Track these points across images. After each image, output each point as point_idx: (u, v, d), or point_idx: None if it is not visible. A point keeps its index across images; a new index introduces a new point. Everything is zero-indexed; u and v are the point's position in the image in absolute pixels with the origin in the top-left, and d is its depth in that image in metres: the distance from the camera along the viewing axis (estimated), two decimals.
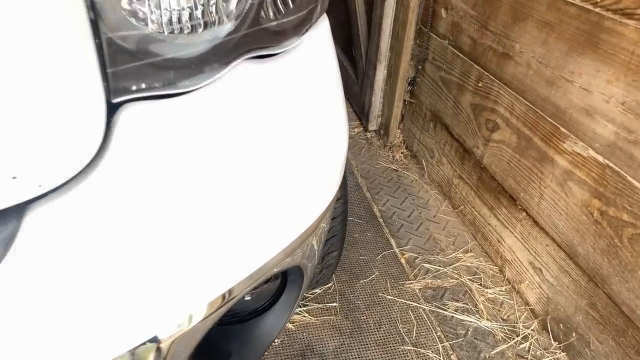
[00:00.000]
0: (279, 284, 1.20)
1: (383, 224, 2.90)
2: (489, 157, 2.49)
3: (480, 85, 2.50)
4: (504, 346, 2.15)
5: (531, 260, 2.25)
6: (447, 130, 2.88)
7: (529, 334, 2.22)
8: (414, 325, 2.20)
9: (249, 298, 1.20)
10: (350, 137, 3.68)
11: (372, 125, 3.54)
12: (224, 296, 0.77)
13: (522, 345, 2.17)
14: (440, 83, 2.88)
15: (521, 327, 2.25)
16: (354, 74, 3.70)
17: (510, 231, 2.37)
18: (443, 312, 2.30)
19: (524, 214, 2.26)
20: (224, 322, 1.18)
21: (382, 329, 2.16)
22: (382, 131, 3.53)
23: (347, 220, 2.85)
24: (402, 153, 3.41)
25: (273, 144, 0.80)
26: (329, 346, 2.07)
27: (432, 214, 2.97)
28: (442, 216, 2.86)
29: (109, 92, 0.55)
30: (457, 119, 2.76)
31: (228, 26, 0.65)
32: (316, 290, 2.27)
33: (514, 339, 2.19)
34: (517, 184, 2.28)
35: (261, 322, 1.20)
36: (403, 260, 2.57)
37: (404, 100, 3.30)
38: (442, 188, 3.02)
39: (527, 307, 2.33)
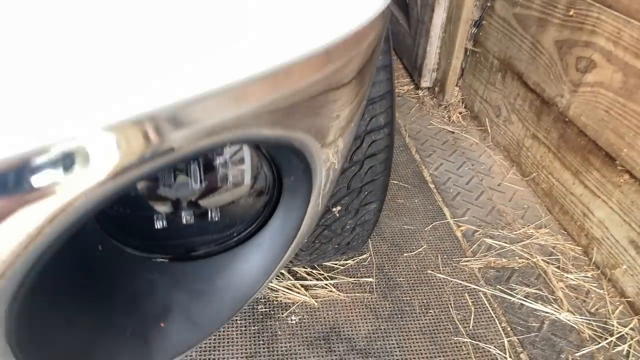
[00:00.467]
0: (270, 201, 0.74)
1: (434, 190, 2.44)
2: (577, 107, 1.94)
3: (571, 14, 1.94)
4: (593, 347, 1.62)
5: (633, 237, 1.69)
6: (520, 80, 2.34)
7: (626, 334, 1.67)
8: (471, 312, 1.74)
9: (215, 216, 0.75)
10: (398, 96, 3.18)
11: (425, 82, 3.03)
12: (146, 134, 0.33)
13: (617, 348, 1.62)
14: (514, 22, 2.34)
15: (616, 325, 1.71)
16: (406, 24, 3.18)
17: (603, 201, 1.82)
18: (510, 298, 1.81)
19: (627, 176, 1.70)
20: (170, 255, 0.73)
21: (429, 314, 1.69)
22: (436, 88, 3.02)
23: (390, 181, 2.39)
24: (459, 113, 2.90)
25: None
26: (360, 330, 1.62)
27: (496, 182, 2.48)
28: (508, 185, 2.35)
29: None
30: (534, 64, 2.22)
31: None
32: (347, 262, 1.87)
33: (606, 338, 1.65)
34: (619, 138, 1.72)
35: (234, 263, 0.75)
36: (459, 234, 2.20)
37: (466, 50, 2.77)
38: (510, 152, 2.48)
39: (624, 299, 1.78)
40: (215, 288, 0.75)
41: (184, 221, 0.76)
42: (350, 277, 1.80)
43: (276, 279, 1.94)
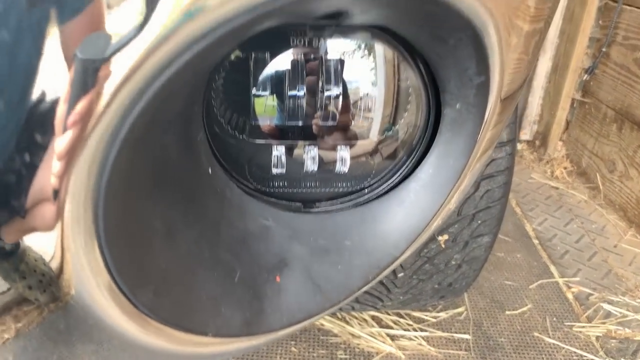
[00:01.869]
0: (419, 143, 0.58)
1: (539, 246, 2.21)
2: None
3: None
4: None
5: None
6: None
7: None
8: None
9: (344, 168, 0.59)
10: None
11: (525, 134, 2.83)
12: None
13: None
14: (634, 68, 2.15)
15: None
16: None
17: None
18: None
19: None
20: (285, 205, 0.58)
21: None
22: (537, 142, 2.80)
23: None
24: (564, 168, 2.65)
25: None
26: None
27: (612, 243, 2.21)
28: (627, 247, 2.09)
29: None
30: None
31: None
32: (440, 314, 1.73)
33: None
34: None
35: (365, 223, 0.57)
36: (570, 295, 1.94)
37: (573, 101, 2.57)
38: (627, 211, 2.21)
39: None
40: (342, 248, 0.57)
41: (306, 165, 0.61)
42: (443, 331, 1.62)
43: (359, 324, 1.77)
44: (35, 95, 0.34)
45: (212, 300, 0.48)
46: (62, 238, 0.36)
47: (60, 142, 0.34)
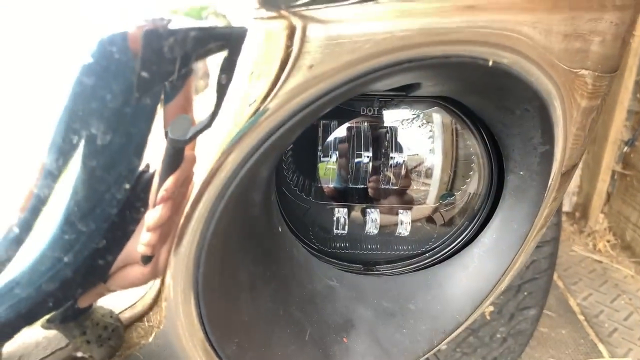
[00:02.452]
0: (481, 209, 0.58)
1: (585, 323, 2.10)
2: None
3: None
4: None
5: None
6: None
7: None
8: None
9: (404, 231, 0.60)
10: None
11: (565, 206, 2.78)
12: None
13: None
14: None
15: None
16: None
17: None
18: None
19: None
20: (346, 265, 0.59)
21: None
22: (577, 213, 2.75)
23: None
24: (607, 241, 2.58)
25: None
26: None
27: None
28: None
29: None
30: None
31: None
32: None
33: None
34: None
35: (430, 286, 0.57)
36: None
37: (613, 173, 2.54)
38: None
39: None
40: (407, 311, 0.57)
41: (366, 227, 0.62)
42: None
43: None
44: (140, 169, 0.37)
45: (286, 357, 0.48)
46: (160, 290, 0.37)
47: (152, 214, 0.37)
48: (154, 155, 0.37)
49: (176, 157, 0.37)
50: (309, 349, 0.50)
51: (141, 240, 0.39)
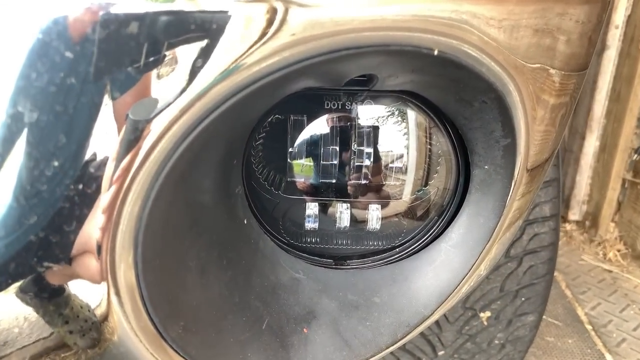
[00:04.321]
0: (449, 205, 0.59)
1: (592, 332, 2.07)
2: None
3: None
4: None
5: None
6: None
7: None
8: None
9: (375, 225, 0.60)
10: None
11: (574, 214, 2.74)
12: None
13: None
14: None
15: None
16: None
17: None
18: None
19: None
20: (332, 261, 0.59)
21: None
22: (587, 222, 2.71)
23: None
24: (618, 250, 2.53)
25: None
26: None
27: None
28: None
29: None
30: None
31: None
32: None
33: None
34: None
35: (396, 281, 0.57)
36: None
37: (624, 181, 2.50)
38: None
39: None
40: (371, 305, 0.57)
41: (338, 222, 0.63)
42: None
43: None
44: (87, 156, 0.38)
45: (239, 344, 0.49)
46: (108, 281, 0.39)
47: (106, 196, 0.38)
48: (106, 138, 0.38)
49: (135, 137, 0.38)
50: (266, 337, 0.51)
51: (95, 224, 0.40)
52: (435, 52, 0.41)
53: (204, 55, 0.36)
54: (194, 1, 0.36)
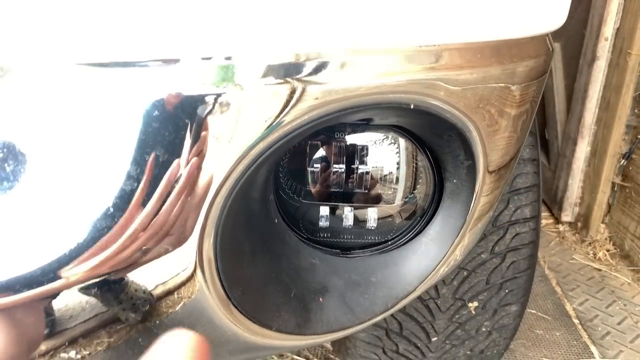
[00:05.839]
0: (428, 209, 0.78)
1: (579, 326, 2.23)
2: None
3: None
4: None
5: None
6: None
7: None
8: None
9: (373, 224, 0.80)
10: None
11: (567, 216, 2.91)
12: None
13: None
14: None
15: None
16: (545, 158, 3.19)
17: None
18: None
19: None
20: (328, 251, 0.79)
21: None
22: (579, 223, 2.88)
23: (528, 310, 2.24)
24: (607, 250, 2.70)
25: None
26: None
27: None
28: None
29: None
30: None
31: None
32: None
33: None
34: None
35: (389, 265, 0.77)
36: None
37: (613, 184, 2.67)
38: None
39: None
40: (370, 283, 0.77)
41: (344, 222, 0.83)
42: None
43: None
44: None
45: (276, 306, 0.69)
46: (197, 255, 0.57)
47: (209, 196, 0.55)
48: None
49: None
50: (293, 303, 0.71)
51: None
52: (412, 107, 0.61)
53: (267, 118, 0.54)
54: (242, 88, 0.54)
